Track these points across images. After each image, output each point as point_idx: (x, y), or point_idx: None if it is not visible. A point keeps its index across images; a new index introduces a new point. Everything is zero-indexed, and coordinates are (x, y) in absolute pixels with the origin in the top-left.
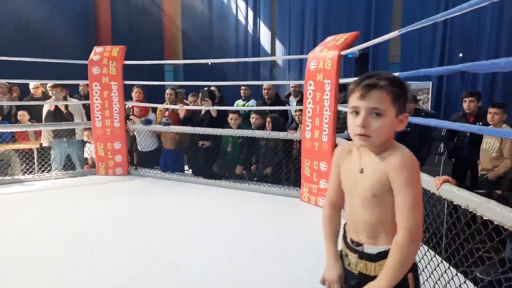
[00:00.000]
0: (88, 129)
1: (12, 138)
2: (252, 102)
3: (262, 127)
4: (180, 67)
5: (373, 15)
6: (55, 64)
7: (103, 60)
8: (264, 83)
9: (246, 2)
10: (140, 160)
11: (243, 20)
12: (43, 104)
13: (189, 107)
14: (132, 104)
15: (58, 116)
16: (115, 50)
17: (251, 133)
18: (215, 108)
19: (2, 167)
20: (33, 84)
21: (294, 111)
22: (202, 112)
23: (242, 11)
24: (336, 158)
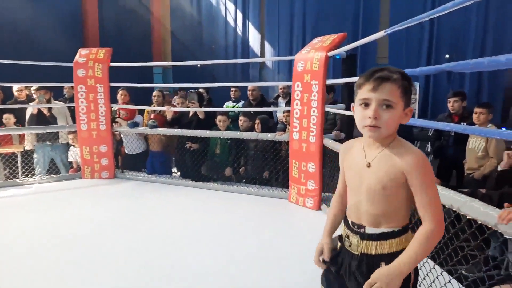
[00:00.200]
0: (73, 132)
1: None
2: (242, 103)
3: (251, 129)
4: (169, 69)
5: (361, 17)
6: (41, 66)
7: (89, 62)
8: (250, 85)
9: (235, 4)
10: (128, 163)
11: (232, 22)
12: (26, 107)
13: (176, 108)
14: (118, 107)
15: (42, 119)
16: (101, 52)
17: (239, 134)
18: (202, 110)
19: None
20: (16, 87)
21: (282, 112)
22: (190, 114)
23: (231, 13)
24: (340, 155)
